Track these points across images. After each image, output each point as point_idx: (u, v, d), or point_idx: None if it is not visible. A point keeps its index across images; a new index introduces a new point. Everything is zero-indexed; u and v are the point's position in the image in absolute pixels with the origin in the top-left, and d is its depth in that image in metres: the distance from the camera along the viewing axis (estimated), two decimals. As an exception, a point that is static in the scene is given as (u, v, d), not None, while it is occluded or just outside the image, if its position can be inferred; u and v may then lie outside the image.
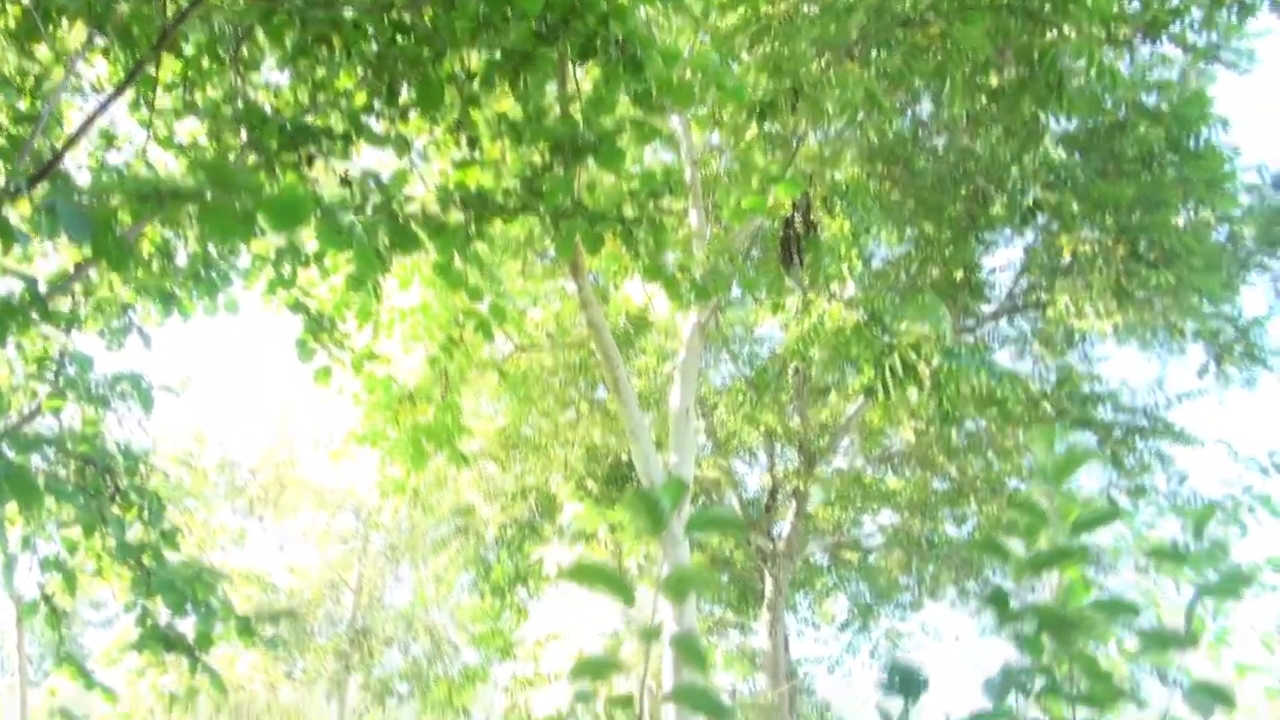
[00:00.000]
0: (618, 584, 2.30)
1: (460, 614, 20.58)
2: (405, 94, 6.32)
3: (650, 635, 2.22)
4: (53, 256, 8.44)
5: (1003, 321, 15.81)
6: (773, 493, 16.62)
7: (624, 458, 15.58)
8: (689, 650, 2.14)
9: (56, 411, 7.04)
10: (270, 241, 7.62)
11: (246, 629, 5.93)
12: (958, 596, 17.83)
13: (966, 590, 17.67)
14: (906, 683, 2.15)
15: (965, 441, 16.44)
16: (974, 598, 17.65)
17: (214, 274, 7.98)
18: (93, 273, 7.83)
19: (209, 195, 3.63)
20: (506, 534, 16.69)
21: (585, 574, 2.38)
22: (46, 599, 6.78)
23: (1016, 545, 2.77)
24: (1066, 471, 3.02)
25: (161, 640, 6.00)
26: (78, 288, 8.06)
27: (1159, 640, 2.76)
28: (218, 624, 5.90)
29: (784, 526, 16.35)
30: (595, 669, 2.34)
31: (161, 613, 6.53)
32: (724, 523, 2.73)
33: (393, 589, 24.83)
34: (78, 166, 8.08)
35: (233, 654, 21.83)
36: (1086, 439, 14.81)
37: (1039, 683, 2.56)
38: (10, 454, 5.64)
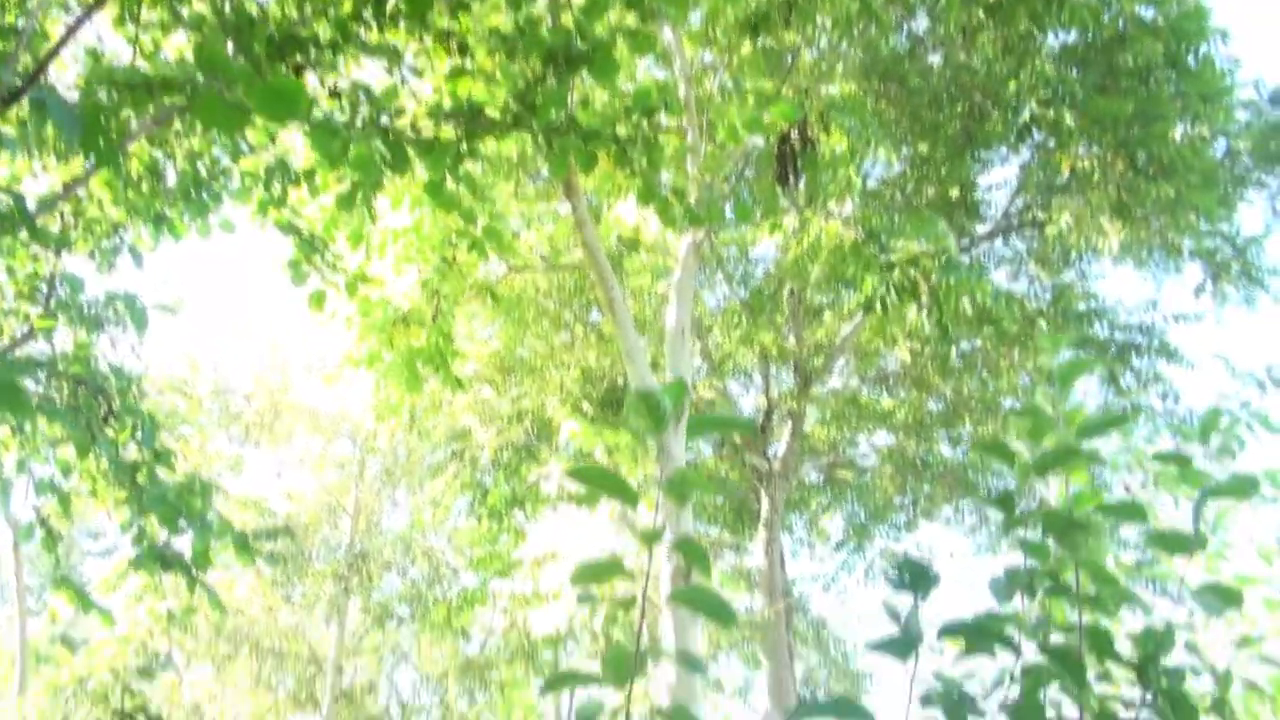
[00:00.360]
0: (620, 485, 2.27)
1: (458, 537, 20.67)
2: (392, 1, 6.19)
3: (652, 537, 2.18)
4: (42, 178, 8.33)
5: (998, 242, 15.75)
6: (768, 413, 16.62)
7: (620, 381, 15.56)
8: (692, 552, 2.11)
9: (48, 333, 6.98)
10: (259, 159, 7.52)
11: (243, 545, 5.91)
12: (953, 515, 17.93)
13: (961, 509, 17.76)
14: (916, 578, 2.12)
15: (960, 362, 16.44)
16: (968, 516, 17.74)
17: (204, 194, 7.90)
18: (81, 192, 7.75)
19: (200, 85, 3.53)
20: (503, 457, 16.70)
21: (587, 475, 2.34)
22: (42, 521, 6.76)
23: (1021, 449, 2.74)
24: (1072, 377, 2.98)
25: (159, 559, 5.98)
26: (67, 209, 7.97)
27: (1167, 542, 2.73)
28: (214, 540, 5.87)
29: (780, 447, 16.37)
30: (596, 573, 2.32)
31: (160, 535, 6.52)
32: (727, 424, 2.69)
33: (390, 514, 24.93)
34: (66, 87, 7.96)
35: (231, 578, 21.99)
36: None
37: (1044, 586, 2.53)
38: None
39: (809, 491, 18.44)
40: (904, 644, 2.03)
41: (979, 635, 2.19)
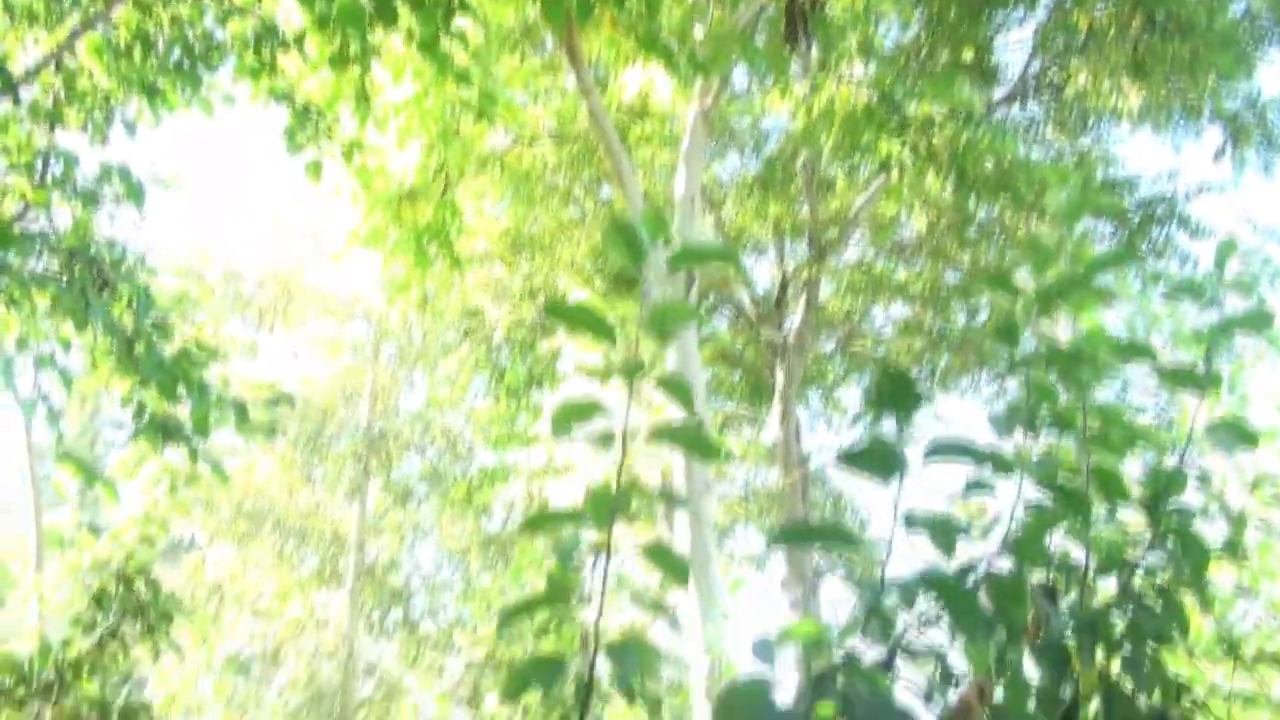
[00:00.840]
0: (597, 322, 2.15)
1: (476, 416, 20.70)
2: None
3: (633, 371, 2.08)
4: (32, 51, 8.14)
5: (1015, 108, 15.41)
6: (783, 286, 16.47)
7: (631, 256, 15.35)
8: (675, 389, 2.00)
9: (43, 205, 6.85)
10: (246, 21, 7.32)
11: (243, 414, 5.84)
12: (970, 387, 17.84)
13: (978, 380, 17.67)
14: (898, 394, 1.99)
15: (977, 231, 16.21)
16: (986, 387, 17.67)
17: (197, 65, 7.73)
18: (72, 64, 7.59)
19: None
20: (516, 335, 16.64)
21: (565, 313, 2.24)
22: (43, 397, 6.71)
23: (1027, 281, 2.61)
24: (1078, 212, 2.85)
25: (160, 429, 5.93)
26: (58, 83, 7.81)
27: (1180, 378, 2.62)
28: (214, 410, 5.80)
29: (794, 320, 16.24)
30: (576, 413, 2.21)
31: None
32: (711, 254, 2.56)
33: (407, 394, 25.00)
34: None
35: (252, 462, 22.14)
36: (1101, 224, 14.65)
37: (1048, 423, 2.42)
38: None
39: (825, 364, 18.35)
40: (884, 458, 1.92)
41: (974, 457, 2.07)
